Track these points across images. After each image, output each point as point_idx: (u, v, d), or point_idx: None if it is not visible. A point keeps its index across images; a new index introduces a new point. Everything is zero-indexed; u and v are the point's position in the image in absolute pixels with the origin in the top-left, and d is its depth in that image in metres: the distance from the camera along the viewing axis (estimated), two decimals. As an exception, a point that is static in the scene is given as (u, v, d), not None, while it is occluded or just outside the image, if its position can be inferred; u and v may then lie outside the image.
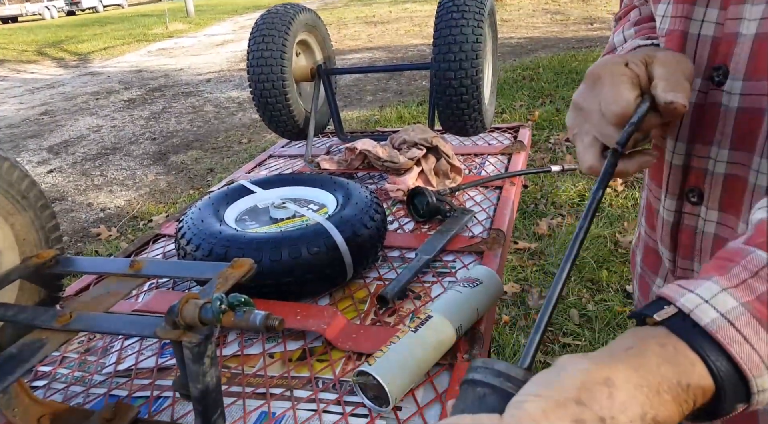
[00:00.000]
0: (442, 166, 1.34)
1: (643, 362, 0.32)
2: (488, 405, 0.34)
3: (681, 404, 0.32)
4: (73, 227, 3.57)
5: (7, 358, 0.65)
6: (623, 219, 2.85)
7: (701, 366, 0.33)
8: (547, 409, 0.31)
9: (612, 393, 0.31)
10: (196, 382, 0.60)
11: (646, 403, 0.31)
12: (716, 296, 0.34)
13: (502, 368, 0.36)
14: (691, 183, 0.60)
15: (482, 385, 0.35)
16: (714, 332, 0.33)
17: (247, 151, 4.62)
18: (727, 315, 0.33)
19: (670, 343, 0.34)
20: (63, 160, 4.88)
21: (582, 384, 0.32)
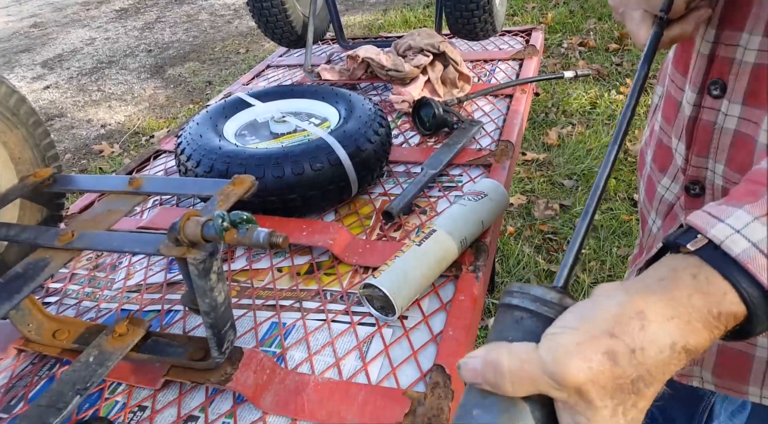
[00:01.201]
0: (450, 74, 1.28)
1: (675, 294, 0.34)
2: (526, 328, 0.36)
3: (712, 330, 0.34)
4: (75, 144, 3.55)
5: (13, 277, 0.65)
6: (634, 126, 2.78)
7: (733, 294, 0.33)
8: (581, 341, 0.33)
9: (644, 326, 0.33)
10: (204, 297, 0.61)
11: (675, 333, 0.33)
12: (748, 226, 0.34)
13: (538, 294, 0.37)
14: (714, 74, 0.58)
15: (519, 309, 0.37)
16: (746, 262, 0.33)
17: (245, 62, 4.48)
18: (759, 245, 0.33)
19: (702, 273, 0.34)
20: (58, 76, 4.76)
21: (615, 317, 0.33)
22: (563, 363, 0.32)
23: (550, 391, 0.33)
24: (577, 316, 0.34)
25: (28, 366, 0.73)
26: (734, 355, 0.65)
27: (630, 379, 0.32)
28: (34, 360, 0.74)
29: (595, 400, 0.32)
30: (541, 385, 0.33)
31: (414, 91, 1.25)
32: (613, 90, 3.15)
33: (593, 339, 0.33)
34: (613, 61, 3.48)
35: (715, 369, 0.68)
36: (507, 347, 0.35)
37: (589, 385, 0.32)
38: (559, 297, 0.36)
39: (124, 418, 0.64)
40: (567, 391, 0.32)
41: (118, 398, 0.67)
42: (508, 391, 0.34)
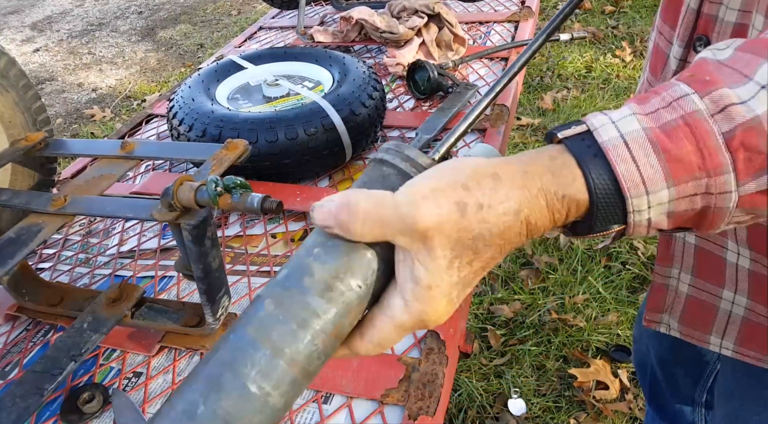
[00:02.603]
0: (445, 36, 1.25)
1: (531, 169, 0.35)
2: (390, 184, 0.36)
3: (554, 212, 0.34)
4: (66, 109, 3.49)
5: (6, 242, 0.65)
6: (630, 91, 2.76)
7: (581, 181, 0.34)
8: (436, 188, 0.33)
9: (496, 185, 0.34)
10: (198, 263, 0.61)
11: (523, 202, 0.34)
12: (624, 119, 0.34)
13: (411, 154, 0.37)
14: (699, 31, 0.57)
15: (389, 165, 0.37)
16: (607, 149, 0.34)
17: (237, 24, 4.38)
18: (626, 136, 0.34)
19: (561, 157, 0.35)
20: (48, 38, 4.64)
21: (473, 173, 0.34)
22: (416, 206, 0.33)
23: (396, 237, 0.34)
24: (438, 168, 0.35)
25: (22, 332, 0.73)
26: (700, 305, 0.67)
27: (472, 234, 0.33)
28: (28, 326, 0.74)
29: (437, 248, 0.33)
30: (390, 228, 0.33)
31: (408, 53, 1.22)
32: (609, 53, 3.11)
33: (448, 187, 0.33)
34: (609, 24, 3.42)
35: (682, 317, 0.70)
36: (366, 192, 0.35)
37: (435, 231, 0.33)
38: (429, 163, 0.37)
39: (119, 384, 0.65)
40: (413, 236, 0.33)
41: (113, 364, 0.67)
42: (357, 232, 0.34)
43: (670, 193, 0.33)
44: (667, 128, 0.33)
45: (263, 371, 0.32)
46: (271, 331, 0.33)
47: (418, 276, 0.34)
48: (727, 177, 0.32)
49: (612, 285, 1.74)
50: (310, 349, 0.33)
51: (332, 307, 0.34)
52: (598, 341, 1.58)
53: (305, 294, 0.34)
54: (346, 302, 0.34)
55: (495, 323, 1.66)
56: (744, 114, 0.32)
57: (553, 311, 1.67)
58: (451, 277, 0.34)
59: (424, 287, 0.34)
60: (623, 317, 1.64)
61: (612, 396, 1.44)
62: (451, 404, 1.45)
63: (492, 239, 0.34)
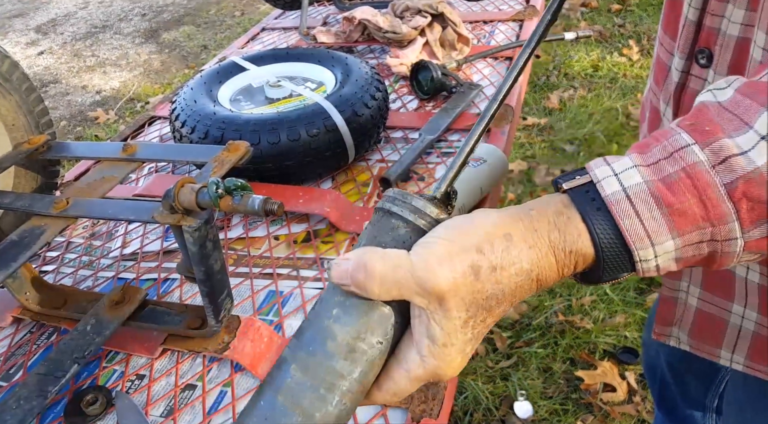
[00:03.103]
0: (449, 35, 1.25)
1: (539, 227, 0.36)
2: (400, 237, 0.37)
3: (562, 267, 0.36)
4: (70, 111, 3.50)
5: (9, 245, 0.65)
6: (637, 90, 2.74)
7: (586, 236, 0.35)
8: (452, 252, 0.34)
9: (509, 247, 0.35)
10: (200, 265, 0.60)
11: (534, 261, 0.35)
12: (626, 171, 0.35)
13: (419, 206, 0.37)
14: (701, 43, 0.57)
15: (397, 217, 0.37)
16: (611, 204, 0.34)
17: (240, 25, 4.39)
18: (628, 190, 0.34)
19: (566, 212, 0.36)
20: (52, 41, 4.67)
21: (486, 235, 0.35)
22: (432, 270, 0.34)
23: (413, 297, 0.35)
24: (451, 229, 0.36)
25: (27, 335, 0.73)
26: (710, 319, 0.66)
27: (486, 295, 0.35)
28: (32, 329, 0.74)
29: (453, 309, 0.34)
30: (406, 290, 0.35)
31: (412, 53, 1.22)
32: (616, 52, 3.09)
33: (462, 251, 0.34)
34: (616, 22, 3.41)
35: (691, 331, 0.69)
36: (381, 251, 0.36)
37: (451, 294, 0.34)
38: (436, 212, 0.38)
39: (122, 386, 0.64)
40: (429, 298, 0.34)
41: (116, 366, 0.67)
42: (374, 293, 0.35)
43: (676, 243, 0.34)
44: (668, 181, 0.34)
45: None
46: (301, 399, 0.35)
47: (434, 335, 0.35)
48: (731, 226, 0.33)
49: (619, 286, 1.73)
50: (339, 409, 0.35)
51: (357, 367, 0.35)
52: (605, 343, 1.57)
53: (330, 359, 0.35)
54: (369, 359, 0.36)
55: (501, 325, 1.65)
56: (744, 166, 0.32)
57: (560, 312, 1.66)
58: (465, 335, 0.35)
59: (440, 345, 0.35)
60: (630, 319, 1.62)
61: (619, 399, 1.43)
62: (457, 407, 1.44)
63: (504, 297, 0.35)
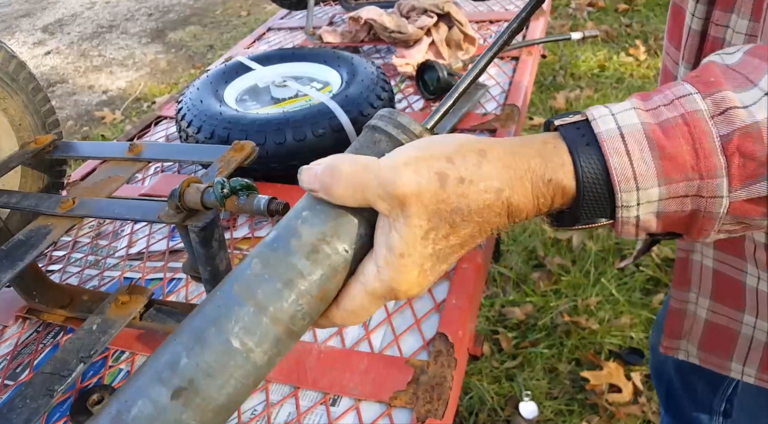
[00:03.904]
0: (455, 35, 1.24)
1: (520, 151, 0.34)
2: (380, 150, 0.37)
3: (538, 196, 0.34)
4: (77, 111, 3.52)
5: (16, 244, 0.65)
6: (644, 90, 2.72)
7: (569, 167, 0.34)
8: (420, 157, 0.34)
9: (480, 162, 0.34)
10: (205, 265, 0.60)
11: (506, 182, 0.34)
12: (624, 112, 0.34)
13: (403, 121, 0.37)
14: (707, 53, 0.56)
15: (380, 131, 0.38)
16: (603, 141, 0.33)
17: (246, 25, 4.40)
18: (623, 129, 0.33)
19: (553, 143, 0.35)
20: (59, 41, 4.69)
21: (459, 147, 0.34)
22: (397, 172, 0.33)
23: (377, 201, 0.34)
24: (425, 141, 0.36)
25: (33, 334, 0.74)
26: (719, 330, 0.64)
27: (450, 207, 0.33)
28: (38, 328, 0.74)
29: (413, 216, 0.33)
30: (370, 193, 0.34)
31: (418, 53, 1.22)
32: (623, 52, 3.08)
33: (431, 158, 0.34)
34: (623, 22, 3.39)
35: (701, 343, 0.68)
36: (352, 156, 0.36)
37: (413, 198, 0.33)
38: (420, 130, 0.37)
39: (129, 385, 0.64)
40: (391, 202, 0.33)
41: (122, 365, 0.67)
42: (338, 195, 0.34)
43: (661, 192, 0.33)
44: (665, 125, 0.33)
45: (246, 327, 0.33)
46: (256, 289, 0.34)
47: (392, 243, 0.34)
48: (719, 181, 0.32)
49: (625, 287, 1.72)
50: (294, 308, 0.34)
51: (318, 269, 0.34)
52: (611, 343, 1.56)
53: (292, 255, 0.34)
54: (331, 265, 0.35)
55: (506, 326, 1.65)
56: (744, 119, 0.31)
57: (566, 313, 1.66)
58: (425, 248, 0.34)
59: (397, 255, 0.34)
60: (636, 320, 1.62)
61: (625, 399, 1.42)
62: (462, 407, 1.44)
63: (470, 215, 0.34)
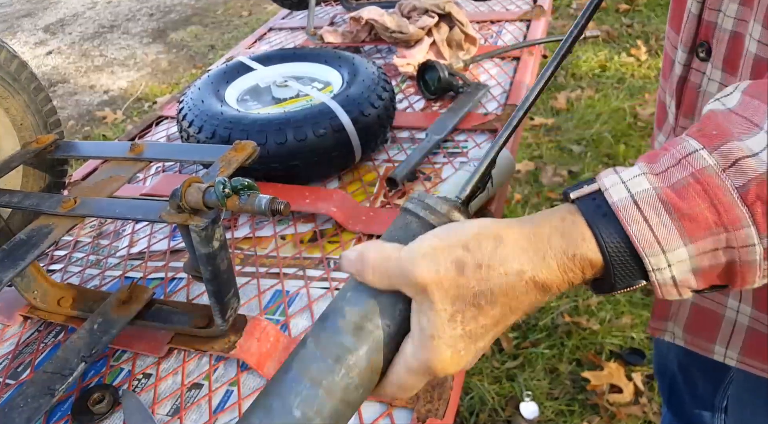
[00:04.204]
0: (456, 35, 1.25)
1: (538, 231, 0.36)
2: (411, 232, 0.39)
3: (566, 271, 0.35)
4: (78, 111, 3.52)
5: (18, 244, 0.65)
6: (645, 91, 2.73)
7: (591, 241, 0.34)
8: (437, 247, 0.36)
9: (497, 247, 0.35)
10: (206, 264, 0.60)
11: (526, 263, 0.35)
12: (634, 179, 0.34)
13: (431, 203, 0.40)
14: (701, 36, 0.57)
15: (411, 214, 0.40)
16: (617, 210, 0.34)
17: (248, 25, 4.40)
18: (636, 196, 0.34)
19: (570, 218, 0.35)
20: (61, 41, 4.69)
21: (475, 235, 0.36)
22: (415, 263, 0.35)
23: (403, 287, 0.36)
24: (446, 228, 0.37)
25: (34, 333, 0.74)
26: (705, 313, 0.66)
27: (472, 291, 0.35)
28: (39, 327, 0.74)
29: (437, 302, 0.35)
30: (396, 280, 0.36)
31: (419, 53, 1.22)
32: (624, 52, 3.07)
33: (448, 247, 0.36)
34: (624, 23, 3.39)
35: (686, 326, 0.69)
36: (380, 244, 0.38)
37: (433, 285, 0.35)
38: (447, 209, 0.39)
39: (129, 385, 0.65)
40: (414, 289, 0.36)
41: (123, 365, 0.67)
42: (369, 281, 0.37)
43: (689, 251, 0.33)
44: (677, 187, 0.33)
45: (305, 399, 0.37)
46: (311, 365, 0.38)
47: (423, 326, 0.36)
48: (747, 231, 0.32)
49: (625, 287, 1.72)
50: (346, 381, 0.37)
51: (363, 344, 0.38)
52: (611, 344, 1.56)
53: (339, 334, 0.38)
54: (375, 339, 0.38)
55: (506, 325, 1.65)
56: (756, 167, 0.31)
57: (566, 313, 1.66)
58: (453, 330, 0.36)
59: (428, 337, 0.36)
60: (637, 320, 1.62)
61: (626, 400, 1.42)
62: (463, 408, 1.44)
63: (495, 297, 0.35)
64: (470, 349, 0.37)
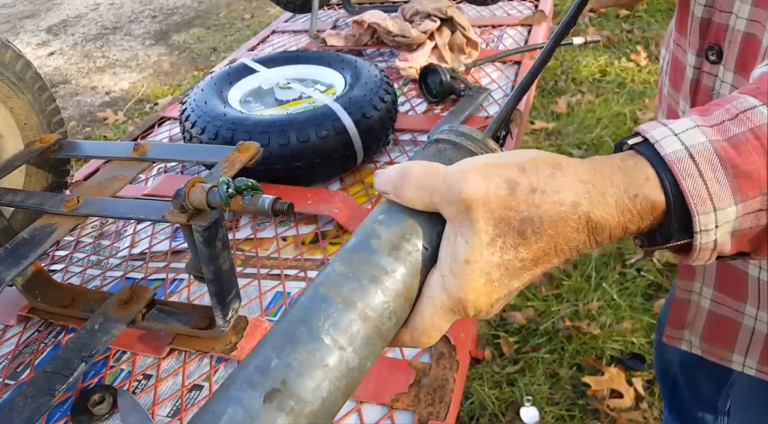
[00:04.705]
0: (458, 39, 1.25)
1: (599, 168, 0.33)
2: (446, 157, 0.37)
3: (624, 212, 0.32)
4: (79, 112, 3.53)
5: (20, 243, 0.65)
6: (645, 96, 2.73)
7: (655, 181, 0.32)
8: (490, 164, 0.33)
9: (555, 173, 0.33)
10: (209, 265, 0.60)
11: (583, 196, 0.32)
12: (687, 131, 0.33)
13: (465, 130, 0.38)
14: (711, 39, 0.57)
15: (444, 141, 0.38)
16: (672, 163, 0.32)
17: (250, 28, 4.41)
18: (691, 149, 0.32)
19: (632, 159, 0.34)
20: (63, 42, 4.70)
21: (532, 159, 0.33)
22: (465, 176, 0.33)
23: (443, 206, 0.33)
24: (497, 154, 0.36)
25: (34, 333, 0.73)
26: (722, 321, 0.65)
27: (520, 215, 0.32)
28: (40, 327, 0.74)
29: (480, 220, 0.32)
30: (438, 196, 0.33)
31: (421, 57, 1.22)
32: (624, 57, 3.08)
33: (502, 166, 0.33)
34: (624, 28, 3.40)
35: (703, 334, 0.68)
36: (424, 161, 0.36)
37: (479, 202, 0.32)
38: (483, 136, 0.38)
39: (129, 386, 0.64)
40: (458, 206, 0.32)
41: (123, 366, 0.67)
42: (408, 197, 0.34)
43: (738, 210, 0.31)
44: (734, 141, 0.32)
45: (336, 323, 0.32)
46: (342, 286, 0.33)
47: (457, 250, 0.33)
48: None
49: (627, 292, 1.72)
50: (382, 306, 0.33)
51: (400, 265, 0.34)
52: (612, 348, 1.56)
53: (374, 254, 0.34)
54: (413, 262, 0.34)
55: (508, 330, 1.65)
56: None
57: (567, 318, 1.65)
58: (491, 255, 0.32)
59: (462, 261, 0.33)
60: (638, 325, 1.61)
61: (626, 405, 1.42)
62: (463, 412, 1.44)
63: (542, 227, 0.32)
64: (503, 284, 0.33)
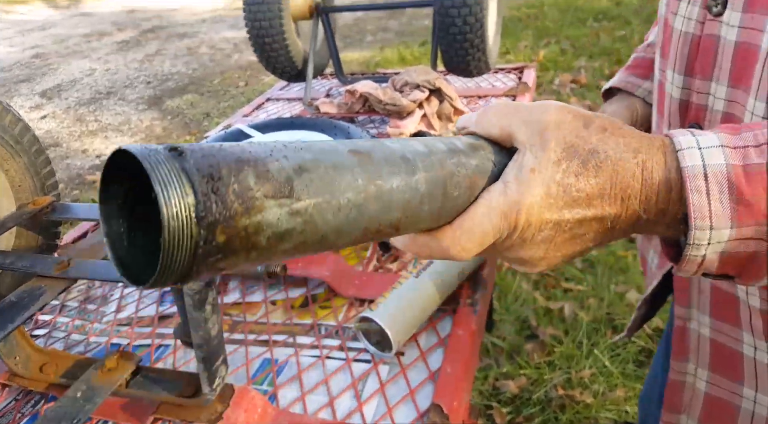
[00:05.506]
0: (445, 109, 1.29)
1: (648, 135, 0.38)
2: None
3: (671, 170, 0.35)
4: (68, 174, 3.54)
5: (6, 306, 0.64)
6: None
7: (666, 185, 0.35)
8: (567, 107, 0.37)
9: (623, 126, 0.37)
10: (197, 329, 0.59)
11: (643, 148, 0.35)
12: (710, 148, 0.34)
13: None
14: (691, 119, 0.59)
15: None
16: (687, 177, 0.34)
17: (244, 95, 4.52)
18: (707, 168, 0.34)
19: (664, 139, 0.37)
20: (56, 105, 4.78)
21: (601, 117, 0.37)
22: (545, 108, 0.36)
23: (519, 128, 0.36)
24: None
25: (11, 402, 0.71)
26: (719, 404, 0.63)
27: (588, 146, 0.35)
28: (17, 396, 0.71)
29: (551, 140, 0.35)
30: (515, 118, 0.37)
31: (411, 124, 1.26)
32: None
33: (579, 111, 0.37)
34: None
35: (701, 419, 0.66)
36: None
37: (554, 126, 0.35)
38: None
39: (111, 457, 0.62)
40: (533, 127, 0.36)
41: (105, 435, 0.65)
42: (486, 120, 0.38)
43: (731, 233, 0.33)
44: (749, 170, 0.33)
45: (414, 152, 0.34)
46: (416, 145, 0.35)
47: (525, 162, 0.35)
48: None
49: (618, 358, 1.70)
50: (453, 168, 0.35)
51: (475, 157, 0.37)
52: (606, 417, 1.53)
53: (451, 141, 0.37)
54: (482, 163, 0.37)
55: (500, 400, 1.61)
56: None
57: (560, 386, 1.63)
58: (555, 172, 0.35)
59: (528, 170, 0.35)
60: (631, 393, 1.59)
61: (622, 477, 1.37)
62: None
63: (606, 162, 0.35)
64: (558, 206, 0.35)
